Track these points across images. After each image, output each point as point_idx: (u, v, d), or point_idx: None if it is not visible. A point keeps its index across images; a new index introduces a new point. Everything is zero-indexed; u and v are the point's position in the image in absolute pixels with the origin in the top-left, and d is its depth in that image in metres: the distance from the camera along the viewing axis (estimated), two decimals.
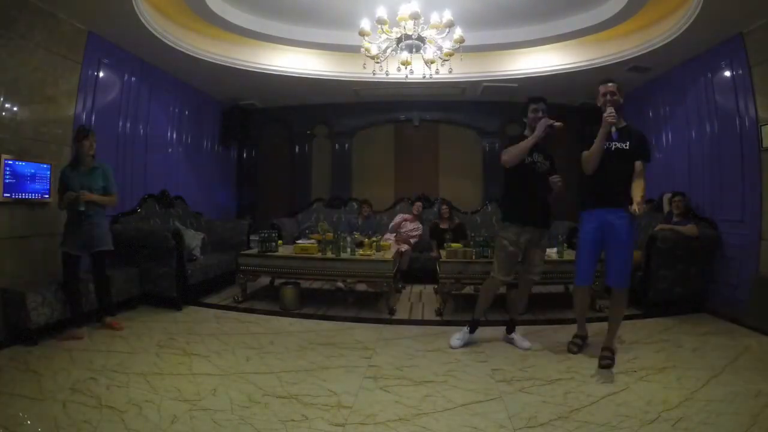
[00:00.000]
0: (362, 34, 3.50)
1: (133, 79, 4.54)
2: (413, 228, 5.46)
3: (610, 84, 2.78)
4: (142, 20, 3.73)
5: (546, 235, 3.12)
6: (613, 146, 2.74)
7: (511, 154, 2.89)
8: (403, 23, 3.45)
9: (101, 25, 3.81)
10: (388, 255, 4.14)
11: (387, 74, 3.83)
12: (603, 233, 2.79)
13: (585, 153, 2.79)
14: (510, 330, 3.18)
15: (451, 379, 2.55)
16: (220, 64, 4.87)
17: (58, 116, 3.59)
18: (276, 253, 4.24)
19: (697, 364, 2.72)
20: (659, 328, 3.50)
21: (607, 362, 2.69)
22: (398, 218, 5.55)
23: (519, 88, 5.46)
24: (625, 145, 2.74)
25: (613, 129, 2.68)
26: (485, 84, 5.49)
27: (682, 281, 3.84)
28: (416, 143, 6.78)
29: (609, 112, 2.67)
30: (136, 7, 3.54)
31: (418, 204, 5.67)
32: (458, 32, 3.62)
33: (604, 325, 3.51)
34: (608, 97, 2.76)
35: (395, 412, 2.14)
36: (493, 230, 5.66)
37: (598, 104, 2.82)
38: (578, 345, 3.01)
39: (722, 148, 4.08)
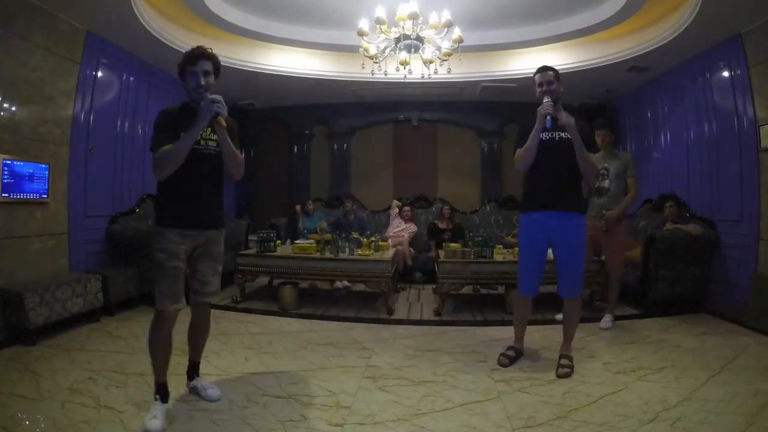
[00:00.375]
0: (361, 34, 3.50)
1: (131, 78, 4.54)
2: (405, 227, 5.50)
3: (550, 72, 2.56)
4: (141, 20, 3.73)
5: (219, 239, 2.24)
6: (557, 136, 2.49)
7: (165, 166, 1.95)
8: (401, 23, 3.45)
9: (100, 25, 3.80)
10: (387, 255, 4.14)
11: (386, 74, 3.84)
12: (550, 238, 2.58)
13: (519, 150, 2.57)
14: (190, 375, 2.34)
15: (450, 379, 2.55)
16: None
17: (56, 116, 3.59)
18: (274, 253, 4.24)
19: (696, 364, 2.72)
20: (658, 327, 3.50)
21: (565, 371, 2.54)
22: (394, 211, 5.63)
23: (518, 88, 5.47)
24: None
25: (548, 118, 2.44)
26: (484, 84, 5.50)
27: (681, 281, 3.84)
28: (415, 143, 6.78)
29: (545, 104, 2.45)
30: (134, 7, 3.53)
31: (406, 209, 5.71)
32: (457, 32, 3.62)
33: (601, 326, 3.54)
34: (545, 87, 2.54)
35: (394, 412, 2.14)
36: (492, 230, 5.67)
37: (537, 96, 2.58)
38: (510, 357, 2.74)
39: (721, 148, 4.09)
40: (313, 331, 3.45)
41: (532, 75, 2.71)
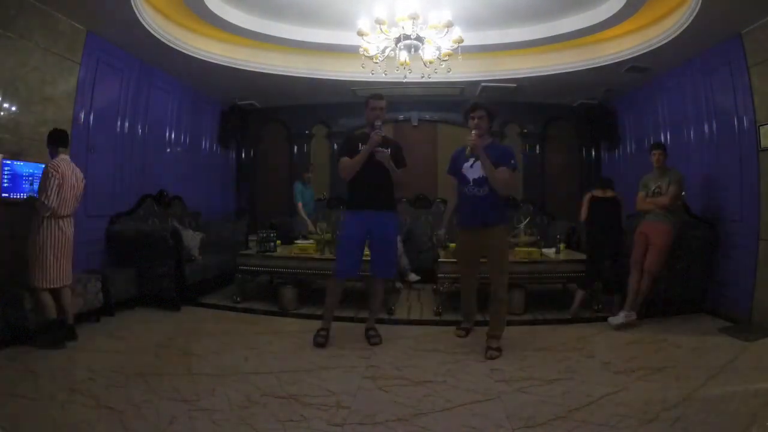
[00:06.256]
0: (361, 34, 3.50)
1: (131, 79, 4.53)
2: None
3: (383, 101, 3.19)
4: (141, 20, 3.73)
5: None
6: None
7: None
8: (401, 23, 3.45)
9: (100, 25, 3.80)
10: None
11: (385, 74, 3.84)
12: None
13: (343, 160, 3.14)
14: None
15: (450, 379, 2.55)
16: (219, 64, 4.86)
17: (56, 116, 3.57)
18: (275, 254, 4.24)
19: (696, 364, 2.72)
20: (658, 328, 3.50)
21: (375, 341, 3.12)
22: None
23: (518, 88, 5.47)
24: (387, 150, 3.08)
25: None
26: (484, 84, 5.49)
27: (681, 281, 3.84)
28: (415, 143, 6.77)
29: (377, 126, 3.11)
30: (135, 7, 3.53)
31: None
32: (457, 32, 3.62)
33: (607, 324, 3.54)
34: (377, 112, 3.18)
35: (394, 412, 2.14)
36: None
37: (367, 120, 3.22)
38: (324, 337, 3.11)
39: (720, 149, 4.09)
40: (313, 331, 3.42)
41: (531, 76, 2.72)
